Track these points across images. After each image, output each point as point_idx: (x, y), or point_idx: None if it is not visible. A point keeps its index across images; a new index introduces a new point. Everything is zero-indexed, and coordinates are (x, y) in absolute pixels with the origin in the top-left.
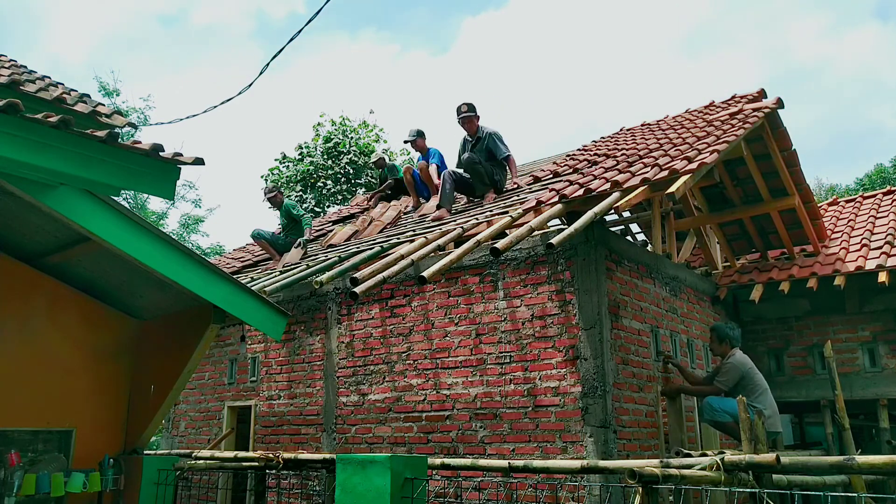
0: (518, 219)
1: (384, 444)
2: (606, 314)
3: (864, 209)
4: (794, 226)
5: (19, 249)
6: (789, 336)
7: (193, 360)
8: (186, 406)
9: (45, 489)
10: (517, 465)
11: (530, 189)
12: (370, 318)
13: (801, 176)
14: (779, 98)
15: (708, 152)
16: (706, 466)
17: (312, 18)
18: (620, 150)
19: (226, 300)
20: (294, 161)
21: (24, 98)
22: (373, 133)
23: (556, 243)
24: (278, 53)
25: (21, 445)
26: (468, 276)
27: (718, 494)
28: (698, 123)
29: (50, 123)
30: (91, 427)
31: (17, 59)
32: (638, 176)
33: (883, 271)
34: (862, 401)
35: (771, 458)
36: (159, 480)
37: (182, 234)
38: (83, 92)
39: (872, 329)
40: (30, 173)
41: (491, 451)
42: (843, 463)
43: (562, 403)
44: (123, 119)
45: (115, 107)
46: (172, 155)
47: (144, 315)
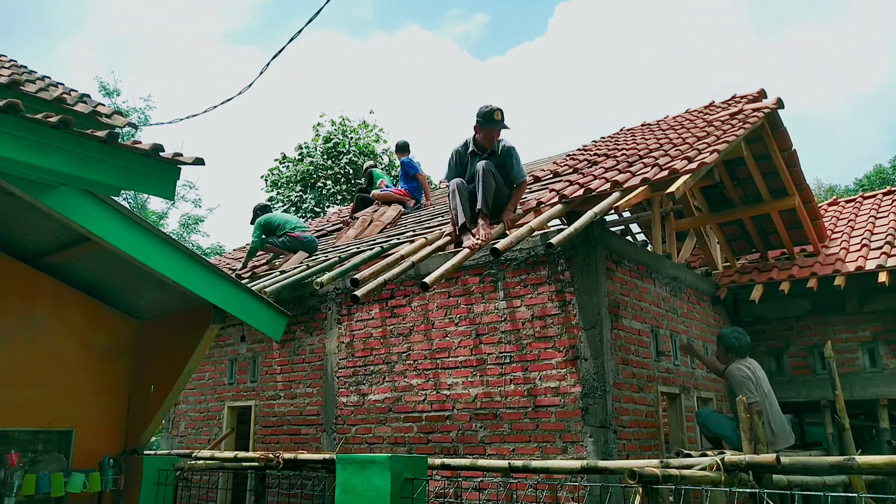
0: (518, 219)
1: (384, 445)
2: (606, 314)
3: (865, 209)
4: (795, 226)
5: (19, 249)
6: (789, 336)
7: (193, 361)
8: (186, 406)
9: (45, 489)
10: (517, 466)
11: (530, 189)
12: (370, 318)
13: (801, 176)
14: (779, 98)
15: (708, 152)
16: (706, 466)
17: (312, 19)
18: (620, 150)
19: (226, 300)
20: (294, 161)
21: (24, 98)
22: (372, 133)
23: (556, 243)
24: (278, 53)
25: (21, 445)
26: (468, 277)
27: (718, 495)
28: (698, 123)
29: (50, 123)
30: (91, 427)
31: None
32: (638, 176)
33: (883, 271)
34: (862, 401)
35: (771, 458)
36: (159, 480)
37: (182, 234)
38: (83, 92)
39: (873, 329)
40: (30, 173)
41: (491, 452)
42: (844, 463)
43: (562, 404)
44: (123, 119)
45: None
46: (172, 155)
47: (144, 315)
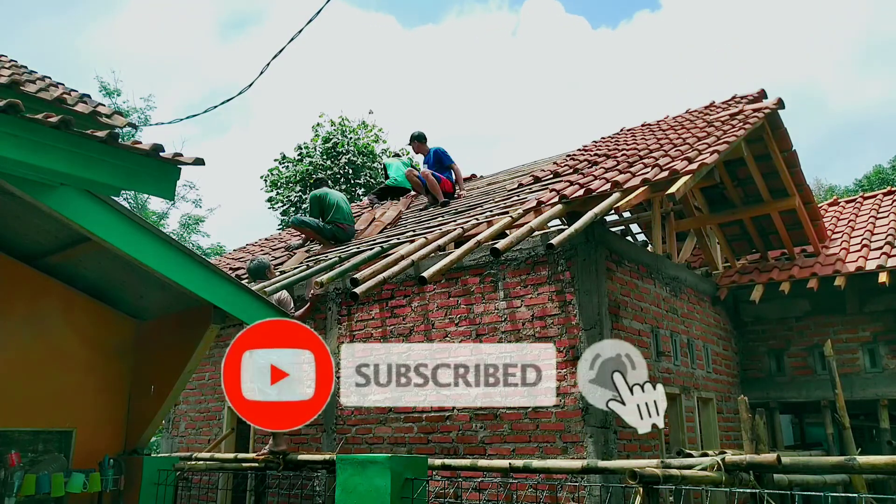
0: (518, 219)
1: (384, 445)
2: (606, 314)
3: (865, 210)
4: (795, 226)
5: (19, 249)
6: (790, 336)
7: (194, 361)
8: (186, 406)
9: (46, 489)
10: (517, 466)
11: (530, 189)
12: (370, 318)
13: (801, 176)
14: (779, 98)
15: (708, 153)
16: (707, 467)
17: (312, 19)
18: (621, 150)
19: (226, 300)
20: (293, 161)
21: (24, 98)
22: (372, 133)
23: (557, 244)
24: (278, 53)
25: (21, 445)
26: (468, 277)
27: (719, 495)
28: (698, 124)
29: (50, 124)
30: (91, 427)
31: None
32: (638, 176)
33: (883, 272)
34: (862, 401)
35: (772, 458)
36: (159, 481)
37: (182, 234)
38: (83, 92)
39: (873, 329)
40: (30, 173)
41: (491, 452)
42: (845, 463)
43: (562, 404)
44: (124, 119)
45: (116, 107)
46: (172, 155)
47: (145, 315)
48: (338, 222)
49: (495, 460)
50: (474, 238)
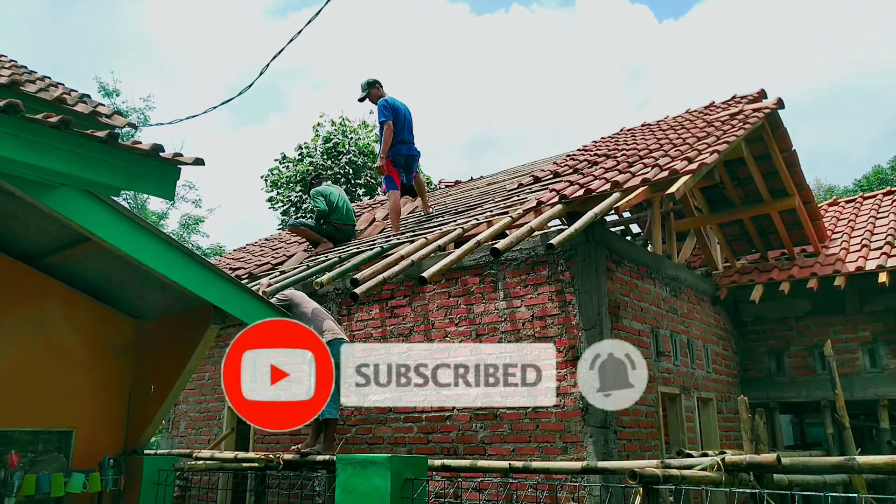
0: (518, 219)
1: (384, 445)
2: (606, 314)
3: (865, 210)
4: (795, 226)
5: (19, 249)
6: (789, 336)
7: (194, 361)
8: (186, 406)
9: (46, 489)
10: (517, 466)
11: (530, 189)
12: (370, 318)
13: (801, 176)
14: (779, 98)
15: (708, 153)
16: (707, 467)
17: (312, 19)
18: (620, 150)
19: (226, 300)
20: (294, 161)
21: (24, 98)
22: (372, 133)
23: (557, 244)
24: (278, 54)
25: (21, 445)
26: (468, 277)
27: (719, 495)
28: (698, 124)
29: (50, 124)
30: (91, 427)
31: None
32: (638, 176)
33: (883, 272)
34: (862, 401)
35: (772, 458)
36: (159, 481)
37: (182, 234)
38: (83, 92)
39: (873, 329)
40: (30, 173)
41: (491, 452)
42: (845, 463)
43: (562, 404)
44: (123, 119)
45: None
46: (172, 155)
47: (145, 315)
48: (337, 223)
49: (495, 460)
50: (474, 238)
